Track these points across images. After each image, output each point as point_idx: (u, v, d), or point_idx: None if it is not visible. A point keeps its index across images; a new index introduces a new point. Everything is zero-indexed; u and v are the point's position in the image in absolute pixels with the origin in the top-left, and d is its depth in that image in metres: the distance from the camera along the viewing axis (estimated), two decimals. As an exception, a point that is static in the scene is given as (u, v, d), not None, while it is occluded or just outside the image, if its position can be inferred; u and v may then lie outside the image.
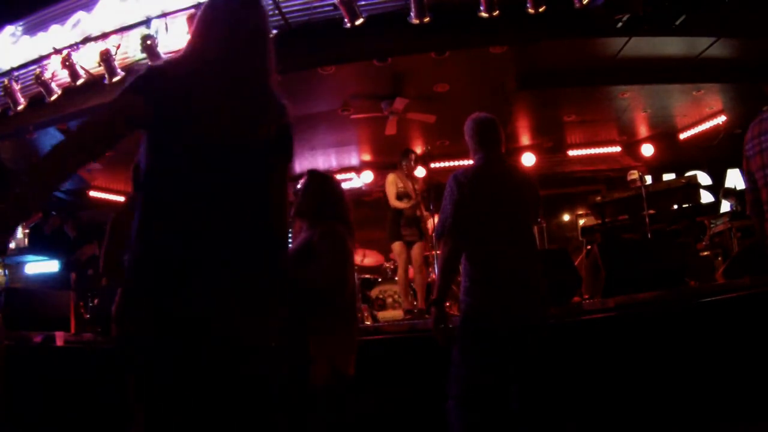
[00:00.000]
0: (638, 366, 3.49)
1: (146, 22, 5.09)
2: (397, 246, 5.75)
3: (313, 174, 2.71)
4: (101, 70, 5.32)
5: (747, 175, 3.19)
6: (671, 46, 5.62)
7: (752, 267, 3.82)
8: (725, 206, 7.17)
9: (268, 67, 1.60)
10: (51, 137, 6.94)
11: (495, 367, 2.43)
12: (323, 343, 2.37)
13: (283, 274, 1.63)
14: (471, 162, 2.79)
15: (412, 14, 4.68)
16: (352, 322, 2.59)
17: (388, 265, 7.22)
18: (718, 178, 8.61)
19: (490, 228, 2.58)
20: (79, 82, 5.42)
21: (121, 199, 9.20)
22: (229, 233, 1.43)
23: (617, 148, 8.91)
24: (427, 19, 4.68)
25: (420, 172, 6.42)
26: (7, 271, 8.17)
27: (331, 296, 2.41)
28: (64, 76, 5.49)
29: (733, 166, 8.53)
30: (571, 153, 8.95)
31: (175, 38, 5.16)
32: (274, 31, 4.80)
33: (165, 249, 1.38)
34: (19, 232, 8.55)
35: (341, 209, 2.62)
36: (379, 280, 7.01)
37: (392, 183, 5.81)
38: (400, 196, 5.75)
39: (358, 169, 9.15)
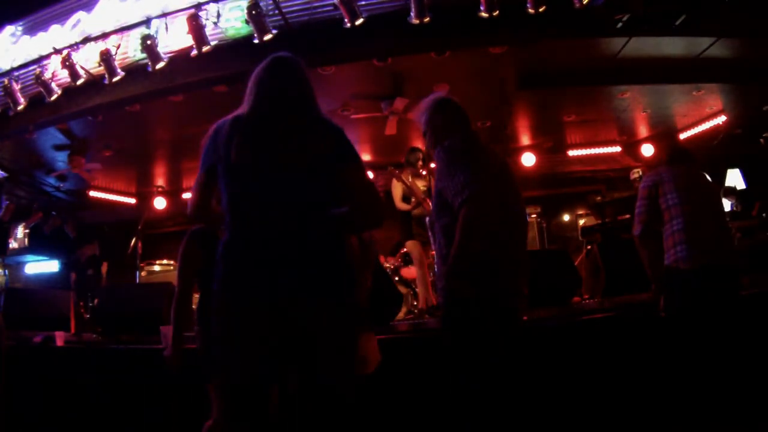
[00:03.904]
0: (638, 366, 3.50)
1: (146, 22, 5.09)
2: (410, 244, 5.77)
3: None
4: (101, 70, 5.31)
5: (649, 200, 3.44)
6: (671, 46, 5.60)
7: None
8: (725, 206, 7.16)
9: (312, 100, 2.03)
10: (51, 137, 6.95)
11: (494, 368, 2.41)
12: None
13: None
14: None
15: (412, 14, 4.67)
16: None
17: (388, 265, 7.21)
18: (718, 178, 8.60)
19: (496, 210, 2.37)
20: (79, 82, 5.41)
21: (121, 199, 9.18)
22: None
23: (617, 148, 8.90)
24: (427, 19, 4.68)
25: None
26: (7, 271, 8.19)
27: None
28: (64, 76, 5.48)
29: (733, 166, 8.52)
30: (571, 153, 8.93)
31: (175, 38, 5.16)
32: (274, 31, 4.81)
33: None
34: (20, 232, 8.57)
35: None
36: (379, 280, 6.99)
37: (398, 184, 5.80)
38: (406, 197, 5.74)
39: (358, 169, 9.13)
